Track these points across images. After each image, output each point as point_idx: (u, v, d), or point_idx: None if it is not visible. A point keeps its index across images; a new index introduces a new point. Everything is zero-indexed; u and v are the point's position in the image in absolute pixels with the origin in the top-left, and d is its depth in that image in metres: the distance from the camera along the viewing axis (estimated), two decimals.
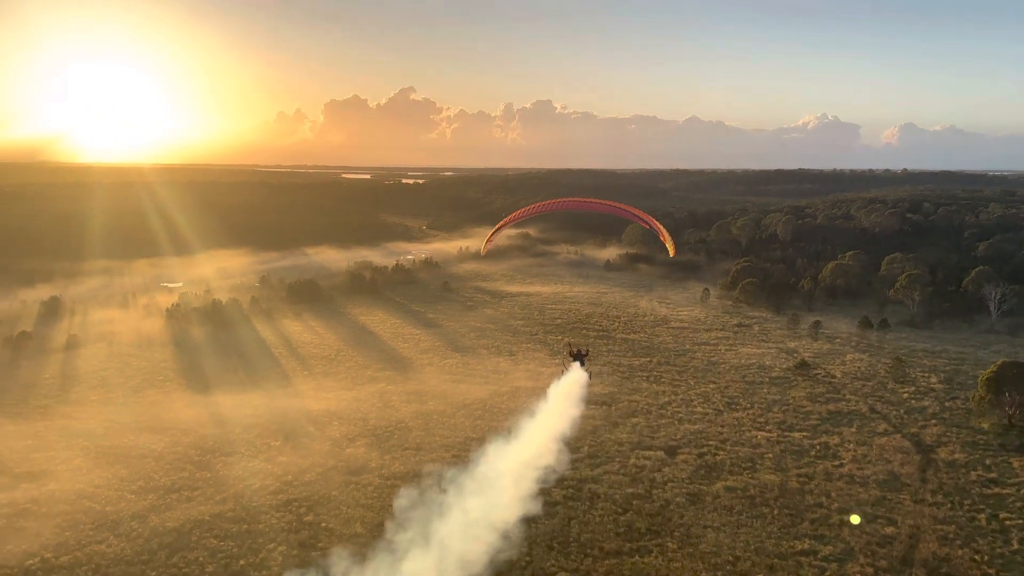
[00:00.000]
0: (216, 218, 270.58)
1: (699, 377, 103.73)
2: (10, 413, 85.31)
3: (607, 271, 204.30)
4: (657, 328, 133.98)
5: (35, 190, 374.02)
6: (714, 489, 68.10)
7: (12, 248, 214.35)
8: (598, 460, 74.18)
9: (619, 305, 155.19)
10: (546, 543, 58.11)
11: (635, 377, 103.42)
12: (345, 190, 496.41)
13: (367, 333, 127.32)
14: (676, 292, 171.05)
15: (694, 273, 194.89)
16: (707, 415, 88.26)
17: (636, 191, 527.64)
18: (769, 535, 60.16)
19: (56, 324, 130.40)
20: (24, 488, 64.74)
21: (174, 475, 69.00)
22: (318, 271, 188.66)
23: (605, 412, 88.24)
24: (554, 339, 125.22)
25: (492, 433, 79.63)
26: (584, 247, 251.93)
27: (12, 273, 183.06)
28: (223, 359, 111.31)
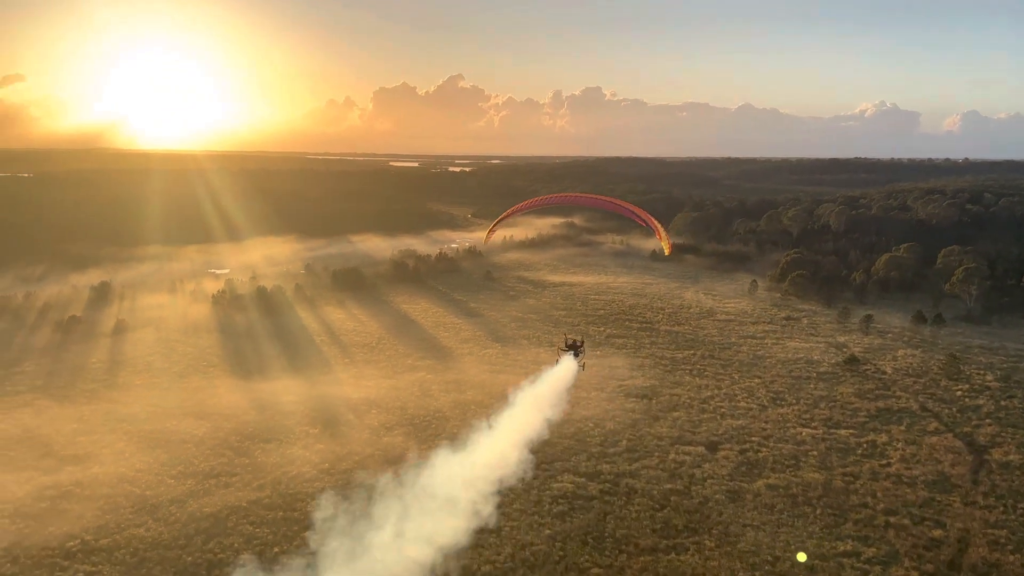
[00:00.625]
0: (265, 205, 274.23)
1: (744, 371, 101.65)
2: (58, 396, 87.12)
3: (653, 261, 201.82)
4: (702, 320, 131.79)
5: (91, 176, 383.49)
6: (755, 487, 66.54)
7: (66, 233, 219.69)
8: (636, 454, 73.03)
9: (664, 296, 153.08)
10: (580, 538, 57.37)
11: (678, 370, 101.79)
12: (392, 178, 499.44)
13: (409, 322, 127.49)
14: (723, 284, 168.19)
15: (742, 264, 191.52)
16: (751, 410, 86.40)
17: (685, 180, 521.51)
18: (810, 535, 58.57)
19: (105, 309, 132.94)
20: (69, 471, 65.95)
21: (213, 461, 69.71)
22: (363, 259, 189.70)
23: (645, 406, 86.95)
24: (596, 330, 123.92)
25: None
26: (630, 237, 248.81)
27: (65, 258, 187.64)
28: (266, 346, 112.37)
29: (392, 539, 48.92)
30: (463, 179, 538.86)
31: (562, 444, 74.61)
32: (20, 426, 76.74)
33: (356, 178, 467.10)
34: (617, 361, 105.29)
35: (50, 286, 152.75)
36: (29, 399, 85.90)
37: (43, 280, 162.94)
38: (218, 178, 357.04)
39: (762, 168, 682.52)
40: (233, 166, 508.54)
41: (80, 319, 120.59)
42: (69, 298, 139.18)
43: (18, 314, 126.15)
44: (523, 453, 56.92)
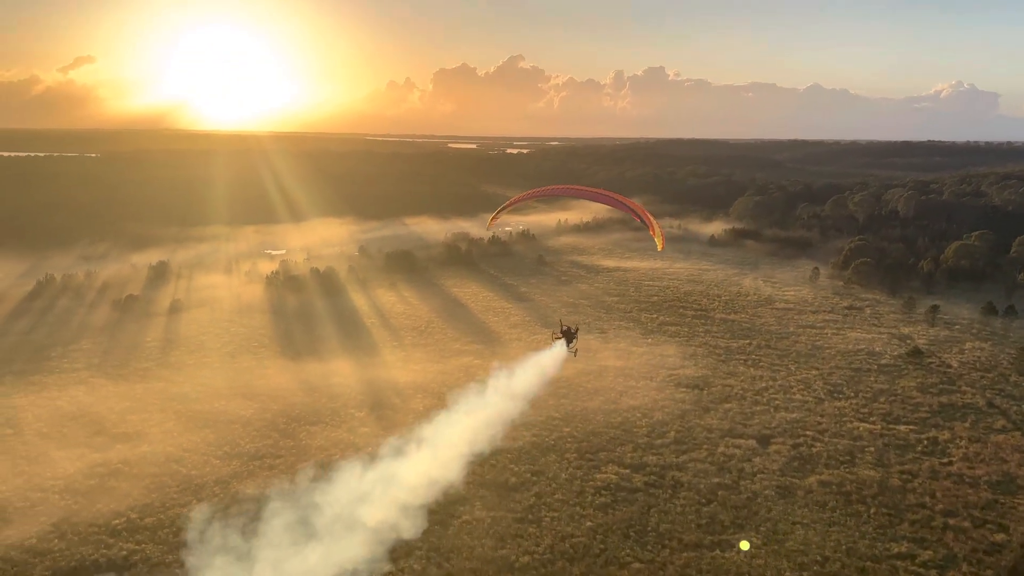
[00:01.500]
0: (323, 186, 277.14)
1: (801, 362, 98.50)
2: (113, 375, 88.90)
3: (711, 247, 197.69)
4: (760, 309, 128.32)
5: (155, 156, 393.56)
6: (807, 483, 64.18)
7: (129, 213, 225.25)
8: (684, 446, 71.15)
9: (720, 283, 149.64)
10: (622, 531, 56.03)
11: (732, 360, 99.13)
12: (450, 160, 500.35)
13: (459, 305, 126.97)
14: (783, 271, 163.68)
15: (804, 251, 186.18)
16: (806, 403, 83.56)
17: (749, 162, 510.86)
18: (863, 535, 56.19)
19: (162, 288, 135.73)
20: (118, 449, 67.05)
21: (259, 442, 70.13)
22: (416, 241, 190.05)
23: (696, 396, 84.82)
24: (648, 317, 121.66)
25: (575, 413, 78.28)
26: (688, 221, 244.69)
27: (127, 237, 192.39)
28: (317, 327, 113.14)
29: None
30: (520, 161, 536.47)
31: (608, 434, 73.22)
32: (75, 403, 78.48)
33: (413, 160, 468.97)
34: (668, 349, 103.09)
35: (111, 265, 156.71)
36: (85, 376, 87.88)
37: (105, 259, 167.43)
38: (278, 159, 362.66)
39: (829, 151, 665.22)
40: (294, 147, 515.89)
41: (137, 298, 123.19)
42: (128, 277, 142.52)
43: (79, 292, 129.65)
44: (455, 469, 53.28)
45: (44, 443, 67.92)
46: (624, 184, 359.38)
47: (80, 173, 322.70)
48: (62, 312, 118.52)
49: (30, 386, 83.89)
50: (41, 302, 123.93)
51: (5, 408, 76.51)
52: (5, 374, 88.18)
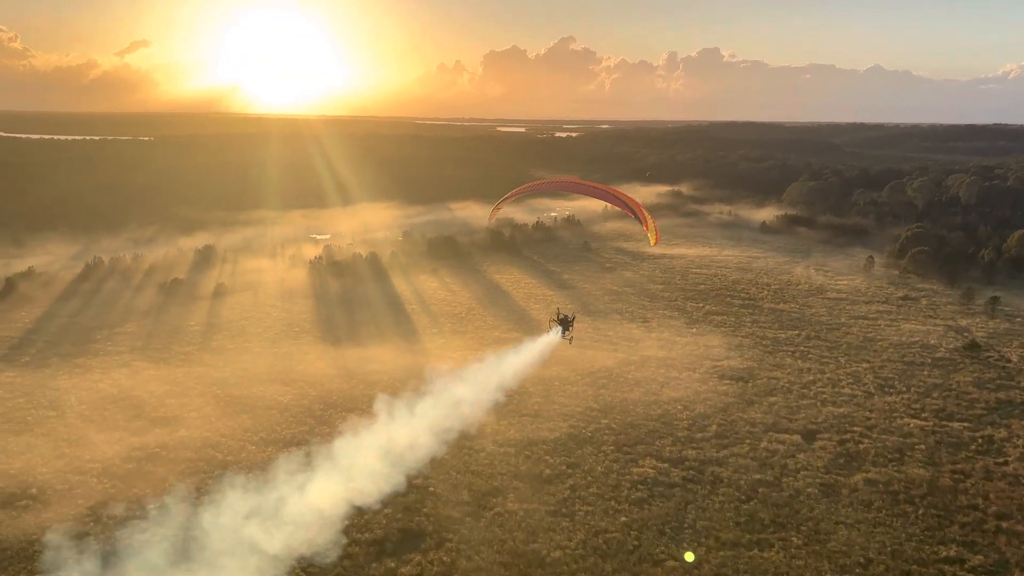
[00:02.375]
0: (371, 171, 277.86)
1: (851, 355, 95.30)
2: (155, 358, 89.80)
3: (762, 234, 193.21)
4: (810, 298, 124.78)
5: (205, 140, 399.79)
6: (852, 481, 61.79)
7: (178, 197, 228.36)
8: (726, 441, 69.11)
9: (770, 271, 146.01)
10: (657, 527, 54.50)
11: (779, 351, 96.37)
12: (498, 144, 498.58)
13: (500, 292, 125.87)
14: (836, 259, 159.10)
15: (859, 238, 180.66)
16: (855, 397, 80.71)
17: (804, 146, 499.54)
18: (910, 537, 53.82)
19: (208, 272, 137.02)
20: (156, 433, 67.42)
21: (295, 428, 70.01)
22: (460, 227, 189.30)
23: (740, 389, 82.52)
24: (693, 306, 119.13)
25: (614, 404, 76.71)
26: (739, 207, 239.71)
27: (176, 221, 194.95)
28: (357, 312, 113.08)
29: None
30: (568, 145, 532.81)
31: (647, 426, 71.54)
32: (117, 386, 79.35)
33: (461, 144, 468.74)
34: (713, 340, 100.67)
35: (159, 248, 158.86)
36: (128, 359, 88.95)
37: (152, 242, 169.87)
38: (327, 143, 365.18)
39: (889, 134, 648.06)
40: (343, 131, 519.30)
41: (182, 281, 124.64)
42: (175, 260, 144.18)
43: (126, 275, 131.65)
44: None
45: (85, 426, 68.70)
46: (675, 168, 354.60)
47: (133, 157, 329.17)
48: (109, 295, 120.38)
49: (75, 368, 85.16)
50: (89, 284, 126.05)
51: (49, 390, 77.69)
52: (51, 356, 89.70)
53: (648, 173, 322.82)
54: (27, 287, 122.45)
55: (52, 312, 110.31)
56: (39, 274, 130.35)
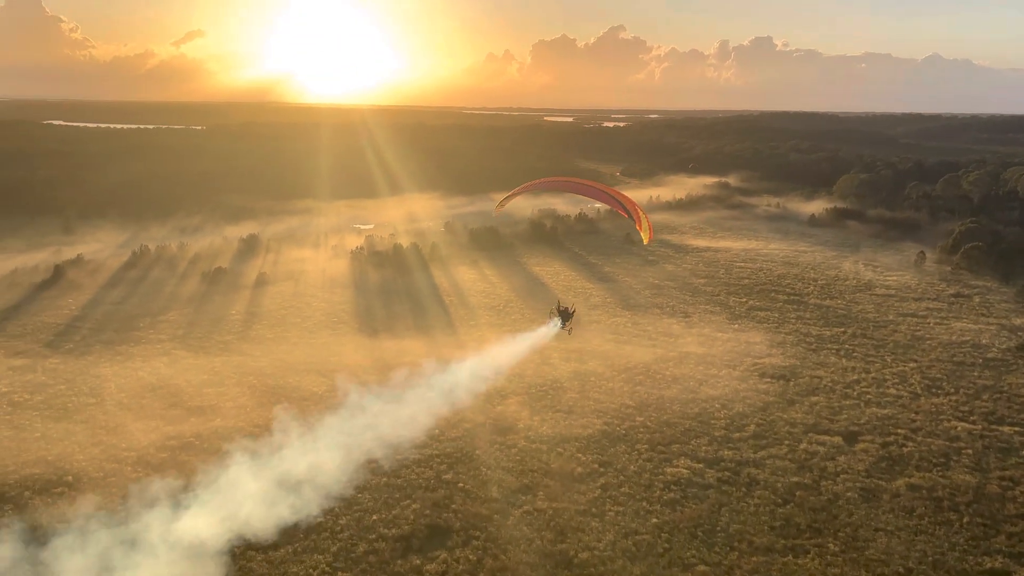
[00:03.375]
0: (416, 161, 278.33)
1: (898, 354, 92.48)
2: (195, 347, 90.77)
3: (810, 227, 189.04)
4: (858, 295, 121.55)
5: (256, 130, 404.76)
6: (894, 486, 59.74)
7: (227, 186, 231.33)
8: (764, 442, 67.40)
9: (817, 266, 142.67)
10: (689, 530, 53.21)
11: (823, 349, 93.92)
12: (544, 134, 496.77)
13: (539, 285, 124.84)
14: (886, 254, 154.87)
15: (911, 233, 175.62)
16: (900, 398, 78.23)
17: (858, 137, 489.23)
18: (953, 546, 51.80)
19: (251, 261, 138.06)
20: (192, 422, 68.00)
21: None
22: (502, 218, 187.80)
23: (781, 387, 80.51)
24: (736, 301, 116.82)
25: (650, 402, 75.44)
26: (787, 199, 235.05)
27: (223, 209, 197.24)
28: (396, 304, 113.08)
29: None
30: (615, 135, 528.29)
31: (683, 425, 70.14)
32: (156, 375, 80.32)
33: (507, 134, 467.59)
34: (755, 336, 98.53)
35: (205, 237, 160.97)
36: (168, 348, 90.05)
37: (199, 230, 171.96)
38: (375, 133, 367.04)
39: (947, 125, 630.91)
40: (392, 121, 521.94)
41: (226, 270, 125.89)
42: (219, 249, 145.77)
43: (172, 263, 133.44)
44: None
45: (123, 414, 69.61)
46: (722, 159, 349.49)
47: (184, 145, 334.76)
48: (154, 283, 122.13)
49: (116, 356, 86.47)
50: (135, 272, 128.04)
51: (91, 377, 78.95)
52: (94, 343, 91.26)
53: (691, 165, 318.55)
54: (75, 274, 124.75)
55: (97, 299, 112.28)
56: (87, 261, 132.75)
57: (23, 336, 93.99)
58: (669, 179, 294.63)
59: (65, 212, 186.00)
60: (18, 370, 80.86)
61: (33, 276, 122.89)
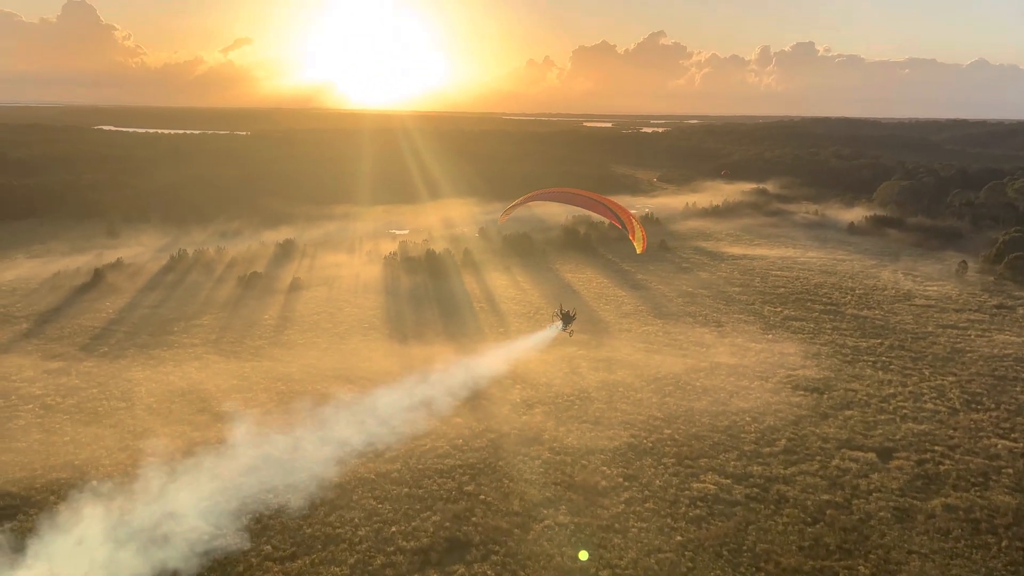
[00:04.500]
0: (454, 166, 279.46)
1: (937, 367, 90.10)
2: (227, 351, 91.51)
3: (849, 235, 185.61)
4: (896, 305, 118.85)
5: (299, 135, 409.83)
6: (930, 506, 58.01)
7: (265, 191, 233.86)
8: (795, 457, 65.92)
9: (856, 275, 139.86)
10: (714, 549, 52.12)
11: (859, 361, 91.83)
12: (582, 139, 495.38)
13: (571, 292, 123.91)
14: (927, 263, 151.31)
15: (953, 242, 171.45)
16: (938, 413, 76.12)
17: (900, 143, 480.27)
18: (990, 572, 50.16)
19: (287, 266, 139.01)
20: (218, 428, 68.24)
21: (352, 428, 69.80)
22: (536, 224, 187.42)
23: (814, 401, 78.81)
24: (771, 310, 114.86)
25: (679, 414, 74.26)
26: (826, 206, 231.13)
27: (263, 214, 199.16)
28: (427, 310, 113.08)
29: None
30: (654, 140, 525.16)
31: (712, 439, 68.92)
32: (186, 379, 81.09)
33: (546, 139, 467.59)
34: (789, 347, 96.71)
35: (244, 241, 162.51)
36: (200, 352, 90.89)
37: (238, 235, 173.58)
38: (414, 139, 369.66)
39: (992, 132, 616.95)
40: (431, 127, 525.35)
41: (261, 275, 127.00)
42: (256, 254, 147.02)
43: (209, 267, 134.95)
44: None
45: (151, 418, 70.30)
46: (762, 165, 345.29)
47: (228, 151, 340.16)
48: (190, 287, 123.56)
49: (149, 360, 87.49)
50: (173, 276, 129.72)
51: (123, 381, 79.93)
52: (129, 347, 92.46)
53: (724, 172, 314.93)
54: (115, 277, 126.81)
55: (135, 303, 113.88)
56: (127, 265, 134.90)
57: (60, 339, 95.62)
58: (707, 185, 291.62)
59: (109, 216, 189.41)
60: (53, 373, 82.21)
61: (74, 279, 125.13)
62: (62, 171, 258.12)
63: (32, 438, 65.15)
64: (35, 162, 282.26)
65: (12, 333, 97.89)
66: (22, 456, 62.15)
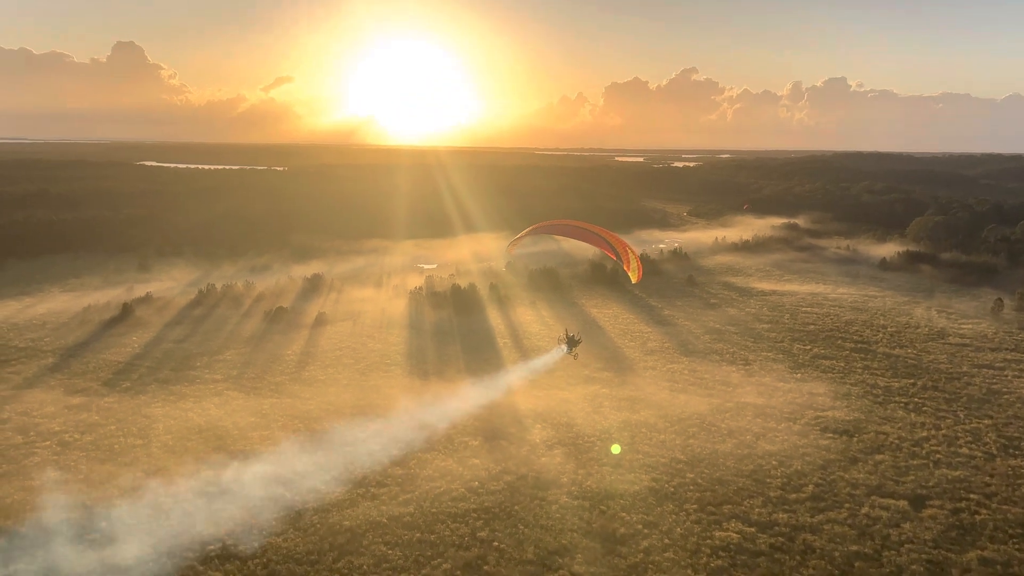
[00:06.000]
0: (486, 201, 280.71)
1: (972, 409, 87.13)
2: (247, 388, 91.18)
3: (881, 271, 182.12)
4: (929, 343, 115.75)
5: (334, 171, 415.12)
6: (965, 559, 55.46)
7: (298, 225, 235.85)
8: (823, 504, 63.60)
9: (888, 312, 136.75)
10: None
11: (890, 403, 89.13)
12: (614, 173, 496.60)
13: (596, 328, 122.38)
14: (961, 300, 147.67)
15: (988, 278, 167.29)
16: (973, 459, 73.29)
17: (934, 178, 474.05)
18: None
19: (314, 300, 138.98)
20: (233, 467, 67.30)
21: (369, 468, 68.83)
22: (564, 258, 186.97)
23: (844, 444, 76.31)
24: (800, 348, 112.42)
25: (703, 457, 72.31)
26: (858, 241, 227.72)
27: (293, 249, 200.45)
28: (449, 345, 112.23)
29: None
30: (684, 175, 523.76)
31: (736, 483, 66.83)
32: (205, 416, 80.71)
33: (578, 174, 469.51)
34: (819, 387, 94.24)
35: (273, 276, 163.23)
36: (221, 388, 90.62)
37: (268, 269, 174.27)
38: (447, 174, 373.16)
39: None
40: (465, 161, 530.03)
41: (287, 309, 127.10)
42: (284, 288, 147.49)
43: (236, 302, 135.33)
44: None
45: (167, 457, 69.82)
46: (792, 199, 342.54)
47: (265, 186, 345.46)
48: (216, 321, 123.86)
49: (169, 396, 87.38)
50: (200, 310, 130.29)
51: (141, 417, 79.77)
52: (151, 382, 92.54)
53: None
54: (144, 312, 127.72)
55: (160, 337, 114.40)
56: (156, 299, 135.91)
57: (84, 374, 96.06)
58: (737, 219, 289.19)
59: (143, 250, 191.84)
60: (74, 409, 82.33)
61: (103, 313, 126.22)
62: (101, 206, 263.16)
63: (46, 476, 64.95)
64: (76, 197, 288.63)
65: (38, 367, 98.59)
66: (34, 496, 61.79)
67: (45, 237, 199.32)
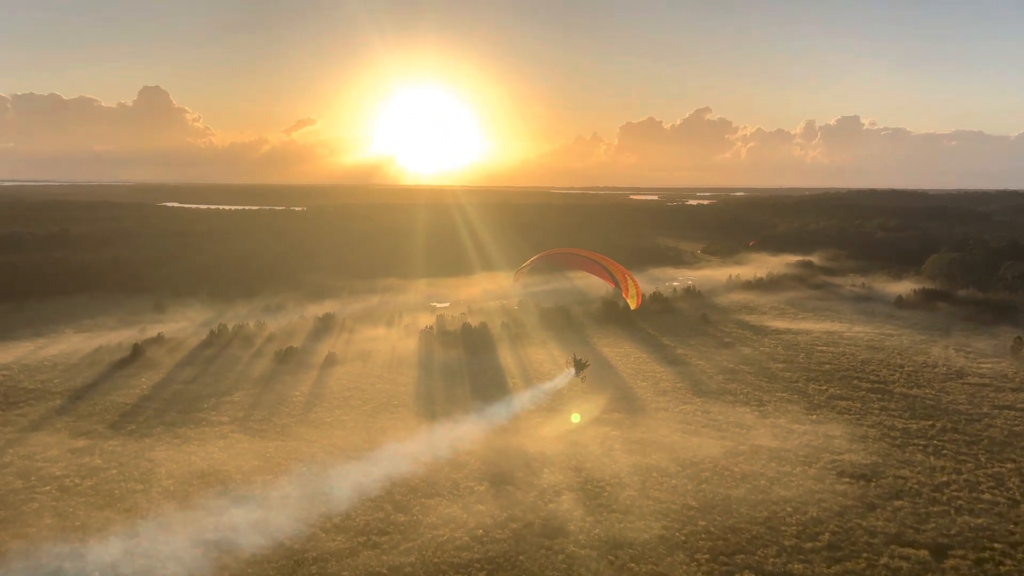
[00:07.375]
0: (503, 238, 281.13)
1: (994, 452, 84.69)
2: (253, 430, 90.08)
3: (898, 308, 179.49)
4: (948, 383, 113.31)
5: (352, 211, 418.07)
6: None
7: (314, 265, 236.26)
8: (840, 553, 61.47)
9: (904, 351, 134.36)
10: None
11: (909, 446, 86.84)
12: (629, 212, 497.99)
13: (607, 367, 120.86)
14: (980, 339, 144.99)
15: (1007, 316, 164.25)
16: (997, 505, 70.90)
17: (948, 215, 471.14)
18: None
19: (325, 340, 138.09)
20: (233, 514, 66.04)
21: (371, 515, 67.36)
22: (576, 296, 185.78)
23: (861, 490, 74.09)
24: (816, 388, 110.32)
25: (715, 503, 70.38)
26: (873, 279, 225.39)
27: (307, 288, 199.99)
28: (458, 386, 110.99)
29: None
30: (698, 212, 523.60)
31: (750, 531, 64.82)
32: (208, 460, 79.54)
33: (593, 212, 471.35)
34: (835, 429, 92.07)
35: (286, 315, 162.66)
36: (227, 431, 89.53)
37: (281, 309, 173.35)
38: (463, 212, 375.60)
39: None
40: (480, 200, 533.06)
41: (297, 349, 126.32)
42: (296, 328, 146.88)
43: (248, 342, 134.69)
44: None
45: (167, 503, 68.58)
46: (806, 236, 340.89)
47: (283, 226, 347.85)
48: (226, 362, 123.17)
49: (174, 439, 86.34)
50: (211, 351, 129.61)
51: (144, 461, 78.72)
52: (156, 425, 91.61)
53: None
54: (154, 352, 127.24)
55: (170, 378, 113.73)
56: (167, 340, 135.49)
57: (91, 416, 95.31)
58: (751, 257, 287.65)
59: (159, 290, 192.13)
60: (77, 452, 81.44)
61: (114, 354, 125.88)
62: (121, 246, 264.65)
63: (43, 523, 63.90)
64: (96, 237, 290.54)
65: (45, 409, 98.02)
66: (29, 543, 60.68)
67: (64, 278, 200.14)
